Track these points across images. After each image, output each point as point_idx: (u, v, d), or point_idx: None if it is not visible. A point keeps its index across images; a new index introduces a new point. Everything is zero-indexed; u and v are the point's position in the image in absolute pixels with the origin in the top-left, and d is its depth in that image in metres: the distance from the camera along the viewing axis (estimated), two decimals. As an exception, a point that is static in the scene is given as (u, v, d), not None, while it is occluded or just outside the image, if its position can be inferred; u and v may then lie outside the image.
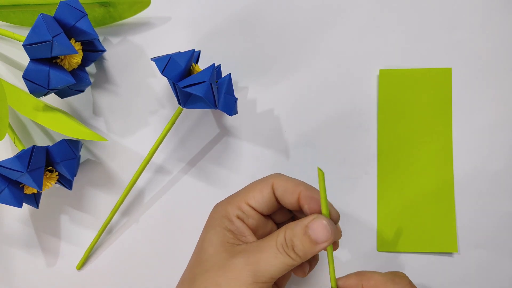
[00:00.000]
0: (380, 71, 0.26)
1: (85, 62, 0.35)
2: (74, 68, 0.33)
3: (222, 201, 0.31)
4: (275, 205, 0.30)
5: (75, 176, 0.35)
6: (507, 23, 0.36)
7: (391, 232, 0.32)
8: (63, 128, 0.32)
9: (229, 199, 0.30)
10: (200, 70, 0.32)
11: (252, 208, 0.29)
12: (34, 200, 0.34)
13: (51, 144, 0.33)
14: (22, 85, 0.37)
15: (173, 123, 0.34)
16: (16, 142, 0.34)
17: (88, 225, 0.38)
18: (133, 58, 0.37)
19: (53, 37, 0.29)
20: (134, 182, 0.36)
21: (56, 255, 0.38)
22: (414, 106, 0.28)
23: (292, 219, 0.32)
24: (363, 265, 0.36)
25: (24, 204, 0.37)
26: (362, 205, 0.36)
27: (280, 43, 0.37)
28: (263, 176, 0.33)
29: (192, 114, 0.37)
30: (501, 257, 0.36)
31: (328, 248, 0.28)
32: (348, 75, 0.37)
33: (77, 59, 0.32)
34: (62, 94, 0.34)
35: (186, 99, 0.32)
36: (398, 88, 0.27)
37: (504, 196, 0.36)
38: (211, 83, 0.30)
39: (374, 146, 0.37)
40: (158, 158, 0.37)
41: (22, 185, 0.32)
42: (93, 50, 0.34)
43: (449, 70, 0.27)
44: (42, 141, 0.38)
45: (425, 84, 0.27)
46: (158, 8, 0.37)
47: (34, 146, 0.31)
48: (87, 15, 0.31)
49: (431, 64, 0.36)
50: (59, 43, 0.29)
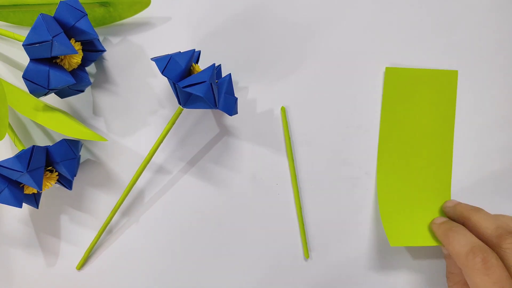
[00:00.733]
0: (386, 68, 0.26)
1: (85, 62, 0.35)
2: (74, 68, 0.33)
3: None
4: None
5: (75, 176, 0.35)
6: (507, 23, 0.36)
7: (398, 228, 0.31)
8: (63, 128, 0.32)
9: None
10: (200, 70, 0.32)
11: None
12: (34, 200, 0.34)
13: (51, 144, 0.33)
14: (22, 85, 0.37)
15: (173, 123, 0.34)
16: (16, 142, 0.34)
17: (88, 225, 0.38)
18: (133, 58, 0.37)
19: (53, 37, 0.29)
20: (134, 182, 0.36)
21: (56, 255, 0.38)
22: (418, 106, 0.27)
23: None
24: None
25: (24, 204, 0.37)
26: (362, 205, 0.36)
27: (280, 43, 0.37)
28: (263, 176, 0.33)
29: (192, 114, 0.37)
30: (501, 257, 0.36)
31: None
32: (348, 75, 0.37)
33: (77, 59, 0.32)
34: (62, 94, 0.34)
35: (186, 99, 0.32)
36: (403, 87, 0.27)
37: (504, 196, 0.36)
38: (211, 83, 0.30)
39: (374, 146, 0.37)
40: (158, 158, 0.37)
41: (22, 185, 0.32)
42: (93, 50, 0.34)
43: (455, 73, 0.26)
44: (42, 141, 0.38)
45: (430, 85, 0.26)
46: (158, 8, 0.37)
47: (34, 146, 0.31)
48: (87, 15, 0.31)
49: (431, 64, 0.36)
50: (59, 43, 0.29)
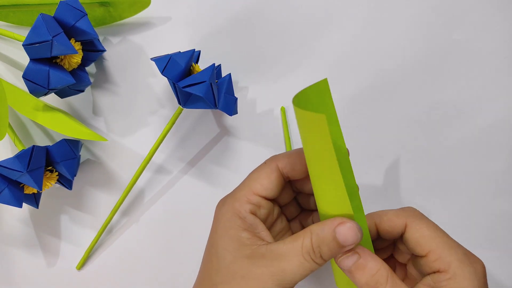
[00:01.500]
0: (293, 99, 0.25)
1: (85, 62, 0.35)
2: (74, 68, 0.33)
3: (226, 198, 0.29)
4: (283, 185, 0.29)
5: (75, 176, 0.35)
6: (507, 23, 0.36)
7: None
8: (63, 128, 0.32)
9: (234, 195, 0.29)
10: (200, 70, 0.32)
11: (261, 197, 0.28)
12: (34, 200, 0.34)
13: (51, 144, 0.33)
14: (22, 85, 0.37)
15: (173, 123, 0.34)
16: (16, 142, 0.34)
17: (88, 225, 0.38)
18: (133, 58, 0.37)
19: (53, 37, 0.29)
20: (134, 182, 0.36)
21: (56, 255, 0.38)
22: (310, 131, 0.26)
23: (295, 199, 0.32)
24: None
25: (24, 204, 0.37)
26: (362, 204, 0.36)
27: (280, 43, 0.37)
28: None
29: (192, 114, 0.37)
30: (500, 257, 0.36)
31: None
32: (347, 75, 0.37)
33: (77, 59, 0.32)
34: (62, 94, 0.34)
35: (186, 99, 0.32)
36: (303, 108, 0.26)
37: (504, 196, 0.36)
38: (211, 83, 0.30)
39: (374, 146, 0.37)
40: (158, 158, 0.37)
41: (22, 185, 0.32)
42: (93, 50, 0.34)
43: (325, 81, 0.25)
44: (42, 141, 0.38)
45: (315, 101, 0.26)
46: (158, 8, 0.37)
47: (34, 146, 0.31)
48: (87, 15, 0.31)
49: (431, 63, 0.36)
50: (59, 43, 0.29)
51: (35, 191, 0.33)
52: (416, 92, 0.36)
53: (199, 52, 0.35)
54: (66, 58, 0.32)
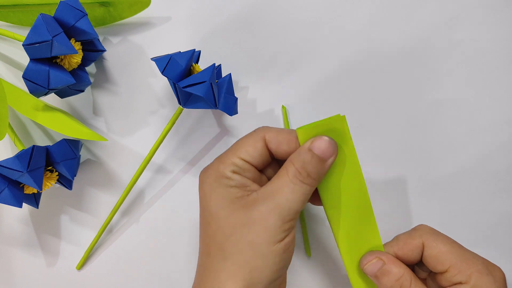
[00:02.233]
0: (297, 130, 0.27)
1: (85, 62, 0.35)
2: (74, 68, 0.33)
3: (210, 164, 0.29)
4: (268, 158, 0.29)
5: (75, 176, 0.35)
6: (507, 23, 0.36)
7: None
8: (63, 128, 0.32)
9: (218, 159, 0.28)
10: (200, 70, 0.32)
11: (246, 162, 0.28)
12: (34, 200, 0.34)
13: (51, 144, 0.33)
14: (22, 85, 0.37)
15: (173, 123, 0.34)
16: (16, 142, 0.34)
17: (88, 225, 0.38)
18: (133, 58, 0.37)
19: (53, 37, 0.29)
20: (134, 182, 0.36)
21: (56, 255, 0.38)
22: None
23: None
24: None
25: (24, 204, 0.37)
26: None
27: (280, 43, 0.37)
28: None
29: (192, 114, 0.37)
30: (500, 257, 0.36)
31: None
32: (348, 75, 0.37)
33: (77, 59, 0.32)
34: (62, 94, 0.34)
35: (186, 99, 0.32)
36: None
37: (504, 196, 0.36)
38: (211, 83, 0.30)
39: (374, 146, 0.37)
40: (158, 158, 0.37)
41: (22, 185, 0.32)
42: (93, 50, 0.34)
43: (343, 118, 0.27)
44: (42, 141, 0.38)
45: (329, 133, 0.27)
46: (158, 8, 0.37)
47: (34, 146, 0.31)
48: (87, 15, 0.31)
49: (431, 63, 0.36)
50: (59, 43, 0.29)
51: (35, 191, 0.33)
52: (416, 92, 0.36)
53: (199, 52, 0.35)
54: (66, 58, 0.32)
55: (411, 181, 0.37)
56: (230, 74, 0.34)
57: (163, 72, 0.30)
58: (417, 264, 0.30)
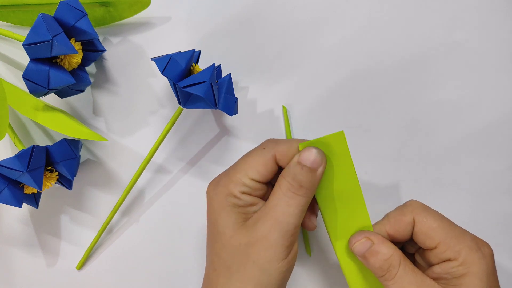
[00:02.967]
0: (299, 145, 0.28)
1: (85, 62, 0.35)
2: (74, 68, 0.33)
3: (220, 179, 0.30)
4: (276, 170, 0.30)
5: (75, 176, 0.35)
6: (507, 23, 0.36)
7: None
8: (63, 128, 0.32)
9: (229, 177, 0.29)
10: (200, 70, 0.32)
11: (256, 182, 0.29)
12: (34, 200, 0.34)
13: (51, 144, 0.33)
14: (22, 85, 0.37)
15: (173, 123, 0.34)
16: (16, 142, 0.34)
17: (88, 225, 0.38)
18: (133, 58, 0.37)
19: (53, 37, 0.29)
20: (134, 182, 0.36)
21: (56, 255, 0.38)
22: (331, 171, 0.29)
23: None
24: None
25: (24, 204, 0.37)
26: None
27: (280, 43, 0.37)
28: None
29: (192, 114, 0.37)
30: (501, 257, 0.36)
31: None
32: (347, 75, 0.37)
33: (77, 59, 0.32)
34: (62, 94, 0.34)
35: (186, 99, 0.32)
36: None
37: (504, 196, 0.36)
38: (211, 83, 0.30)
39: (374, 146, 0.37)
40: (158, 158, 0.37)
41: (22, 184, 0.32)
42: (93, 50, 0.34)
43: (341, 133, 0.28)
44: (42, 141, 0.38)
45: (330, 150, 0.28)
46: (158, 8, 0.37)
47: (34, 146, 0.31)
48: (87, 15, 0.31)
49: (431, 63, 0.36)
50: (59, 43, 0.29)
51: (35, 191, 0.33)
52: (416, 92, 0.36)
53: (199, 52, 0.35)
54: (66, 58, 0.32)
55: (411, 181, 0.37)
56: (230, 74, 0.34)
57: (163, 72, 0.30)
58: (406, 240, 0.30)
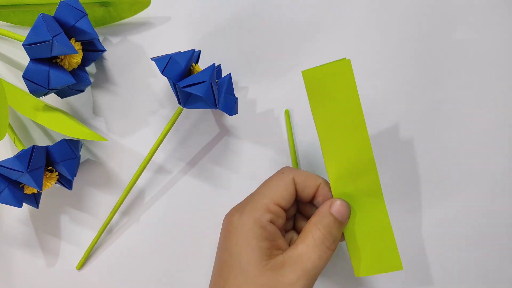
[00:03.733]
0: (302, 72, 0.27)
1: (85, 62, 0.35)
2: (74, 68, 0.33)
3: (243, 208, 0.29)
4: (294, 200, 0.30)
5: (75, 176, 0.35)
6: (508, 23, 0.36)
7: (365, 256, 0.31)
8: (63, 128, 0.32)
9: (254, 204, 0.29)
10: (200, 70, 0.32)
11: (280, 207, 0.29)
12: (34, 200, 0.34)
13: (51, 144, 0.33)
14: (22, 85, 0.37)
15: (173, 123, 0.34)
16: (16, 142, 0.34)
17: (88, 225, 0.38)
18: (133, 58, 0.37)
19: (53, 37, 0.29)
20: (134, 182, 0.36)
21: (56, 255, 0.38)
22: (335, 101, 0.28)
23: (299, 211, 0.33)
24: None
25: (24, 204, 0.37)
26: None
27: (280, 43, 0.37)
28: (263, 176, 0.33)
29: (192, 114, 0.37)
30: (500, 257, 0.36)
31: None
32: (348, 75, 0.37)
33: (77, 59, 0.32)
34: (62, 94, 0.34)
35: (186, 99, 0.32)
36: (321, 86, 0.28)
37: (504, 196, 0.36)
38: (211, 83, 0.30)
39: (374, 146, 0.37)
40: (158, 158, 0.37)
41: (22, 185, 0.32)
42: (93, 50, 0.34)
43: (348, 62, 0.27)
44: (42, 141, 0.38)
45: (335, 79, 0.27)
46: (158, 8, 0.37)
47: (34, 146, 0.31)
48: (87, 15, 0.31)
49: (431, 63, 0.36)
50: (59, 43, 0.29)
51: (35, 191, 0.33)
52: (416, 92, 0.36)
53: (199, 52, 0.35)
54: (66, 58, 0.32)
55: (411, 181, 0.37)
56: (230, 74, 0.34)
57: (163, 72, 0.30)
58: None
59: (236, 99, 0.33)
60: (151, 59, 0.32)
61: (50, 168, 0.33)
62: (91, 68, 0.37)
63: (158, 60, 0.31)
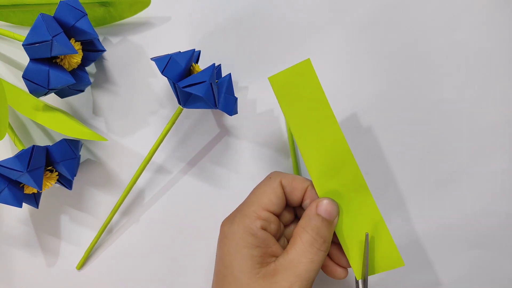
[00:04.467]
0: (269, 78, 0.28)
1: (85, 62, 0.35)
2: (74, 68, 0.33)
3: (234, 216, 0.29)
4: (285, 204, 0.30)
5: (75, 176, 0.35)
6: (508, 23, 0.36)
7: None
8: (63, 128, 0.32)
9: (243, 212, 0.29)
10: (200, 70, 0.32)
11: (271, 213, 0.29)
12: (34, 200, 0.34)
13: (51, 144, 0.33)
14: (22, 85, 0.37)
15: (173, 123, 0.34)
16: (16, 142, 0.34)
17: (88, 225, 0.38)
18: (133, 58, 0.37)
19: (52, 37, 0.29)
20: (134, 182, 0.36)
21: (56, 255, 0.38)
22: (303, 101, 0.28)
23: (296, 217, 0.32)
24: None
25: (24, 204, 0.37)
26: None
27: (280, 43, 0.37)
28: (263, 176, 0.33)
29: (192, 114, 0.37)
30: (500, 257, 0.36)
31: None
32: (347, 75, 0.37)
33: (77, 59, 0.32)
34: (62, 94, 0.34)
35: (186, 99, 0.32)
36: (287, 90, 0.28)
37: (504, 196, 0.36)
38: (211, 83, 0.30)
39: (374, 147, 0.37)
40: (158, 158, 0.37)
41: (22, 185, 0.32)
42: (93, 50, 0.34)
43: (308, 61, 0.28)
44: (42, 141, 0.38)
45: (299, 80, 0.28)
46: (158, 8, 0.37)
47: (34, 146, 0.31)
48: (87, 15, 0.31)
49: (431, 63, 0.36)
50: (59, 43, 0.29)
51: (35, 191, 0.33)
52: (416, 92, 0.36)
53: (199, 52, 0.35)
54: (66, 58, 0.32)
55: (411, 181, 0.37)
56: (230, 74, 0.34)
57: (163, 72, 0.30)
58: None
59: (236, 99, 0.33)
60: (151, 59, 0.32)
61: (50, 168, 0.33)
62: (91, 68, 0.37)
63: (158, 60, 0.31)
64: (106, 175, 0.38)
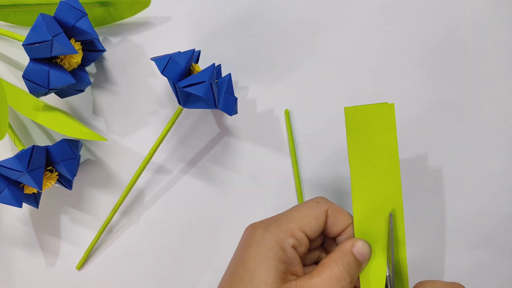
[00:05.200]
0: (345, 108, 0.27)
1: (85, 62, 0.35)
2: (74, 68, 0.33)
3: (268, 224, 0.29)
4: (321, 231, 0.30)
5: (75, 176, 0.35)
6: (507, 23, 0.36)
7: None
8: (63, 128, 0.32)
9: (280, 225, 0.28)
10: (200, 70, 0.32)
11: (306, 235, 0.28)
12: (34, 200, 0.34)
13: (51, 144, 0.33)
14: (22, 85, 0.37)
15: (173, 123, 0.34)
16: (16, 142, 0.34)
17: (88, 225, 0.38)
18: (133, 58, 0.37)
19: (53, 37, 0.29)
20: (134, 182, 0.36)
21: (56, 255, 0.38)
22: (373, 142, 0.28)
23: (322, 244, 0.32)
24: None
25: (24, 204, 0.37)
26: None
27: (280, 43, 0.37)
28: (263, 176, 0.33)
29: (192, 114, 0.37)
30: (500, 257, 0.36)
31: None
32: (347, 75, 0.37)
33: (77, 59, 0.32)
34: (62, 94, 0.34)
35: (186, 99, 0.32)
36: (361, 124, 0.28)
37: (504, 196, 0.36)
38: (211, 83, 0.30)
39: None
40: (158, 158, 0.37)
41: (22, 185, 0.32)
42: (93, 50, 0.34)
43: (391, 106, 0.27)
44: (42, 141, 0.38)
45: (376, 120, 0.27)
46: (158, 8, 0.37)
47: (34, 146, 0.31)
48: (87, 15, 0.31)
49: (431, 63, 0.36)
50: (59, 43, 0.29)
51: (35, 191, 0.33)
52: (416, 92, 0.36)
53: (199, 52, 0.35)
54: (66, 58, 0.32)
55: (411, 181, 0.37)
56: (230, 74, 0.34)
57: (162, 72, 0.30)
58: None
59: (236, 99, 0.33)
60: (151, 59, 0.32)
61: (50, 168, 0.33)
62: (91, 68, 0.37)
63: (158, 60, 0.31)
64: (106, 175, 0.38)
